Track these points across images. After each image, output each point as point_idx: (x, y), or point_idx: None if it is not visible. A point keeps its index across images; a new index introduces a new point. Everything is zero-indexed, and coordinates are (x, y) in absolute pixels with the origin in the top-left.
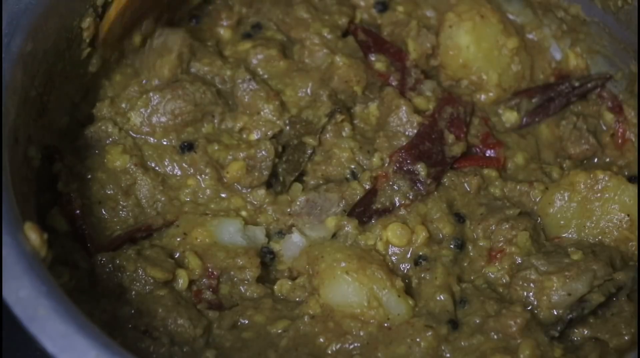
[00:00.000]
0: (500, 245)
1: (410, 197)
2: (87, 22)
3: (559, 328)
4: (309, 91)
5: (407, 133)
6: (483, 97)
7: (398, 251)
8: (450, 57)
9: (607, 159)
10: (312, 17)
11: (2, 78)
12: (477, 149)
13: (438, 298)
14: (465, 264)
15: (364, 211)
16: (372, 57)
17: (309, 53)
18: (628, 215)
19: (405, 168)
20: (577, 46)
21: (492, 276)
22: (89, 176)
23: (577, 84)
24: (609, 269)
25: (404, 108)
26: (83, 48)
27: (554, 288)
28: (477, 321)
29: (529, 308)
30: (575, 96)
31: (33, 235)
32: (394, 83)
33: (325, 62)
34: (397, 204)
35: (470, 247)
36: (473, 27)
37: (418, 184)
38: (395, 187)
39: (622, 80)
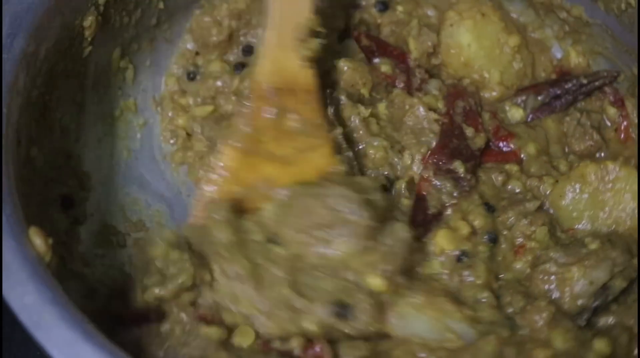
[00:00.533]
0: (520, 240)
1: (456, 195)
2: (89, 21)
3: (585, 317)
4: None
5: (429, 129)
6: (487, 95)
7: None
8: (451, 56)
9: (611, 152)
10: None
11: (1, 79)
12: (491, 143)
13: (481, 299)
14: (500, 258)
15: (424, 218)
16: (377, 61)
17: None
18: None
19: (444, 168)
20: (578, 46)
21: (518, 269)
22: None
23: (585, 81)
24: (627, 255)
25: (420, 107)
26: (85, 47)
27: (575, 279)
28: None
29: (553, 298)
30: (582, 94)
31: (38, 240)
32: (401, 85)
33: (325, 66)
34: (447, 205)
35: (502, 240)
36: (474, 26)
37: (461, 182)
38: (440, 188)
39: (624, 82)
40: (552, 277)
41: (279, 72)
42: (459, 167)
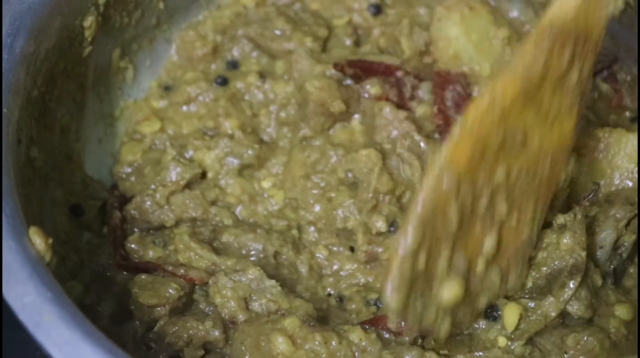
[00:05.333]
0: None
1: None
2: (89, 21)
3: (609, 281)
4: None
5: (392, 134)
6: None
7: None
8: (440, 50)
9: (602, 123)
10: (292, 28)
11: (2, 79)
12: None
13: None
14: None
15: None
16: (368, 86)
17: (295, 63)
18: (637, 165)
19: None
20: None
21: None
22: None
23: None
24: (627, 206)
25: (387, 108)
26: (85, 47)
27: None
28: None
29: None
30: None
31: (38, 240)
32: (395, 99)
33: (311, 72)
34: None
35: None
36: (461, 19)
37: None
38: None
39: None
40: None
41: (579, 18)
42: None
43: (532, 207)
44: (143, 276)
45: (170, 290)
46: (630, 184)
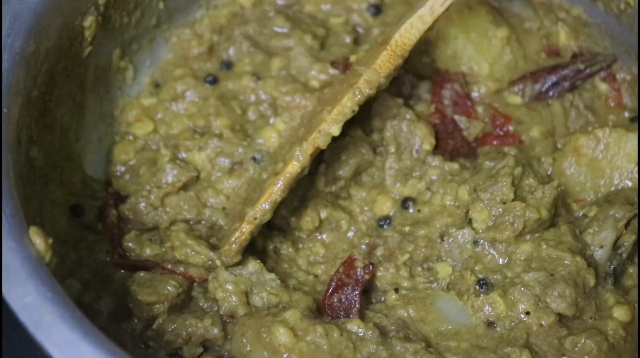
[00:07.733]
0: None
1: None
2: (89, 21)
3: (609, 282)
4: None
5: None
6: (482, 91)
7: None
8: (439, 49)
9: (601, 122)
10: (291, 26)
11: (2, 79)
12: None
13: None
14: None
15: None
16: None
17: (293, 61)
18: (636, 165)
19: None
20: (567, 26)
21: None
22: None
23: (582, 66)
24: (627, 206)
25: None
26: (84, 46)
27: None
28: None
29: None
30: (580, 80)
31: (38, 240)
32: None
33: (309, 70)
34: None
35: None
36: (460, 18)
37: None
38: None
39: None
40: None
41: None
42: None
43: None
44: (142, 274)
45: (169, 287)
46: (630, 184)
